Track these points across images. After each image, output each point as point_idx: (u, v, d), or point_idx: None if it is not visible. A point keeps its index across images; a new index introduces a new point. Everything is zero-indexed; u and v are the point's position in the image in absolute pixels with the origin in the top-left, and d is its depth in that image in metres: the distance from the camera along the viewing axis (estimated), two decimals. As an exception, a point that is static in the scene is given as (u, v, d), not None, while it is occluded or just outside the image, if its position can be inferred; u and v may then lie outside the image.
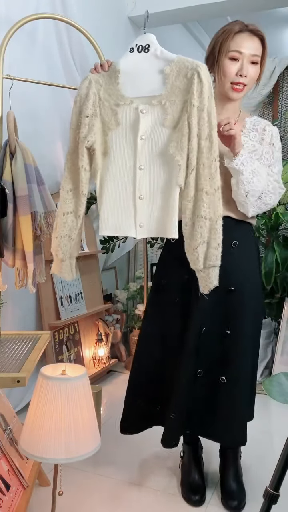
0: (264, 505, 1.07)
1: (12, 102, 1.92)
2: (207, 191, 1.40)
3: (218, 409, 1.63)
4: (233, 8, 3.19)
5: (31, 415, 1.22)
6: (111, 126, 1.50)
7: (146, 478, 1.84)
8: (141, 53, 1.50)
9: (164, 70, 1.45)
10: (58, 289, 2.64)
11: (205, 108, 1.39)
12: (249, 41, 1.54)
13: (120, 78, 1.50)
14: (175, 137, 1.43)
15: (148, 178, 1.49)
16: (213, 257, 1.44)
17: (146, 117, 1.47)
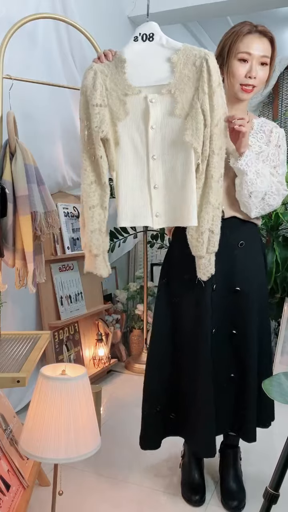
0: (264, 505, 1.07)
1: (12, 102, 1.92)
2: (215, 178, 1.43)
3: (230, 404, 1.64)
4: (233, 8, 3.19)
5: (31, 415, 1.22)
6: (120, 116, 1.49)
7: (146, 478, 1.84)
8: (145, 42, 1.49)
9: (172, 58, 1.44)
10: (58, 289, 2.64)
11: (214, 95, 1.40)
12: (258, 43, 1.53)
13: (126, 68, 1.48)
14: (189, 125, 1.43)
15: (162, 167, 1.49)
16: (215, 243, 1.48)
17: (155, 107, 1.46)
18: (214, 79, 1.39)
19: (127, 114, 1.49)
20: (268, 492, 1.06)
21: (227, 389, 1.63)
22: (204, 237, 1.46)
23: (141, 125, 1.49)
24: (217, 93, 1.40)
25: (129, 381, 2.91)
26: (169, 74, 1.45)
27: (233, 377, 1.63)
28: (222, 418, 1.63)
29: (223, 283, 1.59)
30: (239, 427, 1.66)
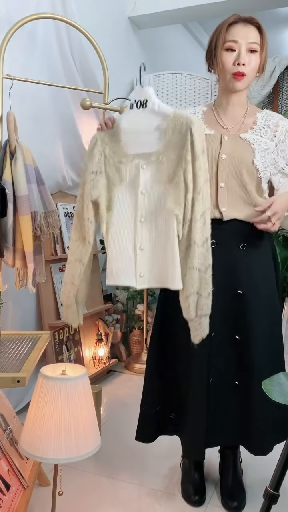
0: (264, 505, 1.07)
1: (12, 102, 1.92)
2: (198, 243, 1.43)
3: (235, 415, 1.59)
4: (233, 8, 3.19)
5: (31, 415, 1.22)
6: (116, 182, 1.57)
7: (146, 478, 1.84)
8: (140, 109, 1.54)
9: (161, 125, 1.48)
10: (58, 289, 2.63)
11: (197, 162, 1.41)
12: (244, 30, 1.51)
13: (122, 136, 1.56)
14: (172, 192, 1.47)
15: (148, 230, 1.53)
16: (204, 306, 1.45)
17: (145, 173, 1.52)
18: (197, 147, 1.41)
19: (122, 180, 1.56)
20: (268, 492, 1.06)
21: (231, 397, 1.59)
22: (191, 301, 1.45)
23: (132, 190, 1.55)
24: (199, 160, 1.41)
25: (129, 381, 2.91)
26: (159, 140, 1.50)
27: (237, 385, 1.59)
28: (226, 428, 1.60)
29: (225, 286, 1.56)
30: (246, 439, 1.61)
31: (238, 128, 1.59)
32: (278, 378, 1.07)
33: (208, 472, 1.84)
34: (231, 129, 1.59)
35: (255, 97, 3.48)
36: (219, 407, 1.58)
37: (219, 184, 1.56)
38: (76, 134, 2.72)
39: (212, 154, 1.57)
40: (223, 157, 1.55)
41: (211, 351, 1.56)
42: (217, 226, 1.56)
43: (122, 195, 1.58)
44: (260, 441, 1.59)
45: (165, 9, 3.31)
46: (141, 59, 3.70)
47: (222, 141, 1.57)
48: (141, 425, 1.72)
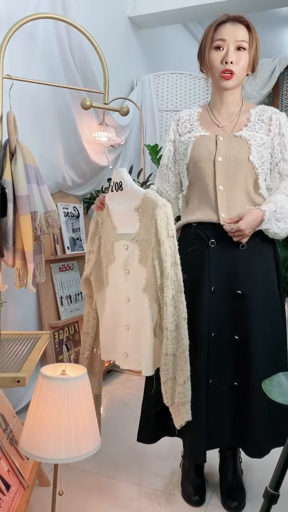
0: (264, 505, 1.07)
1: (12, 102, 1.92)
2: (170, 329, 1.42)
3: (234, 416, 1.59)
4: (233, 8, 3.20)
5: (31, 415, 1.22)
6: (110, 260, 1.63)
7: (146, 478, 1.84)
8: (118, 192, 1.57)
9: (137, 208, 1.51)
10: (58, 289, 2.64)
11: (162, 247, 1.41)
12: (231, 29, 1.52)
13: (111, 216, 1.62)
14: (148, 276, 1.49)
15: (133, 311, 1.55)
16: (180, 394, 1.44)
17: (128, 253, 1.55)
18: (160, 232, 1.40)
19: (115, 258, 1.61)
20: (268, 492, 1.06)
21: (230, 398, 1.58)
22: (167, 387, 1.45)
23: (121, 269, 1.58)
24: (164, 245, 1.41)
25: (129, 381, 2.91)
26: (137, 222, 1.53)
27: (236, 386, 1.58)
28: (224, 429, 1.60)
29: (224, 286, 1.56)
30: (243, 441, 1.61)
31: (233, 126, 1.59)
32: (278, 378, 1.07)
33: (208, 472, 1.84)
34: (226, 127, 1.60)
35: (255, 97, 3.49)
36: (218, 408, 1.58)
37: (217, 188, 1.56)
38: (76, 134, 2.71)
39: (208, 157, 1.56)
40: (219, 160, 1.55)
41: (211, 351, 1.56)
42: (218, 226, 1.56)
43: (114, 274, 1.63)
44: (257, 443, 1.58)
45: (165, 9, 3.32)
46: (141, 59, 3.70)
47: (217, 142, 1.56)
48: (142, 425, 1.71)
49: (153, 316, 1.48)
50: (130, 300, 1.55)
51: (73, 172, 2.78)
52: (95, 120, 2.88)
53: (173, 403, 1.45)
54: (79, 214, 2.90)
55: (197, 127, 1.63)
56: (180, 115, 1.70)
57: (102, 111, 2.70)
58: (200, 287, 1.55)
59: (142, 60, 3.74)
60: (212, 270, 1.56)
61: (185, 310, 1.43)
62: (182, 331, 1.43)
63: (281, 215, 1.51)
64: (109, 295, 1.65)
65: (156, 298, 1.46)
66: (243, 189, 1.57)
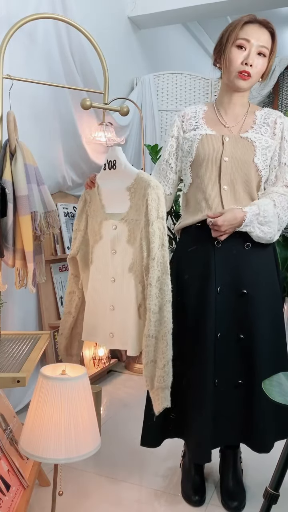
0: (264, 505, 1.07)
1: (12, 102, 1.92)
2: (153, 310, 1.42)
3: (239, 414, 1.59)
4: (233, 8, 3.19)
5: (31, 415, 1.22)
6: (97, 239, 1.62)
7: (146, 478, 1.84)
8: (111, 170, 1.56)
9: (129, 188, 1.51)
10: (58, 289, 2.64)
11: (150, 227, 1.41)
12: (258, 32, 1.50)
13: (101, 195, 1.61)
14: (134, 256, 1.49)
15: (118, 290, 1.55)
16: (160, 378, 1.43)
17: (116, 233, 1.54)
18: (150, 212, 1.40)
19: (101, 237, 1.61)
20: (268, 492, 1.06)
21: (234, 396, 1.58)
22: (147, 371, 1.44)
23: (107, 249, 1.58)
24: (153, 225, 1.40)
25: (129, 381, 2.91)
26: (127, 202, 1.52)
27: (240, 384, 1.58)
28: (229, 427, 1.60)
29: (229, 285, 1.56)
30: (249, 437, 1.61)
31: (239, 128, 1.59)
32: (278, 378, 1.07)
33: (208, 472, 1.84)
34: (232, 128, 1.59)
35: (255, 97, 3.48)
36: (223, 407, 1.58)
37: (222, 187, 1.56)
38: (76, 134, 2.71)
39: (214, 156, 1.56)
40: (225, 160, 1.55)
41: (217, 351, 1.55)
42: None
43: (100, 252, 1.62)
44: (263, 438, 1.59)
45: (165, 9, 3.31)
46: (141, 59, 3.70)
47: (224, 142, 1.56)
48: (146, 429, 1.69)
49: (137, 296, 1.47)
50: (115, 280, 1.55)
51: (73, 172, 2.78)
52: (95, 120, 2.87)
53: (152, 387, 1.44)
54: (79, 214, 2.90)
55: (203, 125, 1.61)
56: (185, 112, 1.67)
57: (102, 111, 2.70)
58: (207, 288, 1.55)
59: (142, 60, 3.74)
60: (218, 270, 1.56)
61: (169, 292, 1.43)
62: (166, 313, 1.42)
63: (264, 218, 1.51)
64: (92, 274, 1.64)
65: (141, 279, 1.46)
66: (246, 190, 1.58)
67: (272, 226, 1.53)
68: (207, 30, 4.79)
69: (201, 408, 1.53)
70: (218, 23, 4.55)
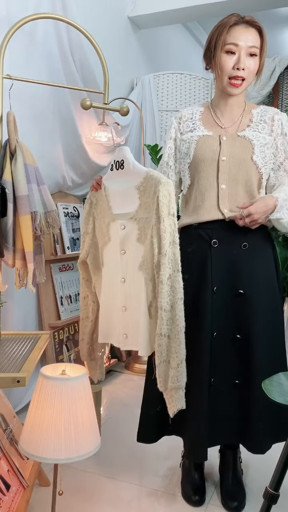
0: (264, 505, 1.07)
1: (12, 102, 1.92)
2: (165, 308, 1.40)
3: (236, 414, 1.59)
4: (233, 8, 3.20)
5: (31, 415, 1.22)
6: (106, 241, 1.61)
7: (146, 478, 1.84)
8: (118, 170, 1.55)
9: (138, 186, 1.49)
10: (58, 289, 2.64)
11: (161, 224, 1.40)
12: (245, 33, 1.49)
13: (108, 196, 1.60)
14: (144, 253, 1.48)
15: (129, 291, 1.54)
16: (173, 378, 1.41)
17: (125, 232, 1.53)
18: (161, 209, 1.39)
19: (110, 239, 1.59)
20: (268, 492, 1.06)
21: (231, 395, 1.59)
22: (160, 371, 1.43)
23: (117, 249, 1.57)
24: (164, 222, 1.39)
25: (129, 381, 2.91)
26: (136, 201, 1.51)
27: (237, 384, 1.58)
28: (226, 427, 1.60)
29: (226, 285, 1.56)
30: (244, 437, 1.61)
31: (236, 127, 1.59)
32: (278, 378, 1.07)
33: (208, 472, 1.84)
34: (229, 128, 1.59)
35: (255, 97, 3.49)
36: (219, 406, 1.58)
37: (220, 187, 1.56)
38: (76, 134, 2.71)
39: (212, 156, 1.56)
40: (223, 159, 1.55)
41: (213, 350, 1.56)
42: (219, 226, 1.56)
43: (110, 254, 1.61)
44: (259, 439, 1.58)
45: (165, 9, 3.31)
46: (141, 59, 3.70)
47: (221, 142, 1.56)
48: (142, 424, 1.71)
49: (148, 295, 1.46)
50: (125, 280, 1.54)
51: (73, 172, 2.78)
52: (95, 120, 2.87)
53: (166, 388, 1.43)
54: (79, 214, 2.90)
55: (200, 127, 1.62)
56: (181, 113, 1.67)
57: (102, 111, 2.70)
58: (203, 287, 1.55)
59: (142, 60, 3.74)
60: (214, 270, 1.56)
61: (181, 290, 1.42)
62: (178, 311, 1.41)
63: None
64: (104, 276, 1.63)
65: (151, 277, 1.45)
66: (245, 188, 1.57)
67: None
68: (207, 30, 4.79)
69: (197, 407, 1.53)
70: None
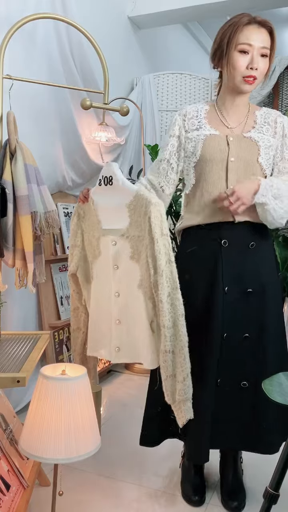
0: (264, 505, 1.07)
1: (12, 102, 1.92)
2: (167, 325, 1.41)
3: (242, 416, 1.58)
4: (233, 8, 3.19)
5: (31, 415, 1.22)
6: (96, 254, 1.61)
7: (146, 478, 1.84)
8: (107, 186, 1.55)
9: (128, 205, 1.49)
10: (58, 289, 2.64)
11: (156, 247, 1.40)
12: (258, 33, 1.49)
13: (97, 211, 1.59)
14: (140, 272, 1.48)
15: (124, 305, 1.54)
16: (181, 391, 1.43)
17: (116, 248, 1.54)
18: (154, 231, 1.40)
19: (100, 253, 1.59)
20: (268, 492, 1.06)
21: (238, 397, 1.57)
22: (167, 385, 1.45)
23: (109, 264, 1.57)
24: (158, 243, 1.40)
25: (129, 381, 2.91)
26: (126, 219, 1.51)
27: (244, 385, 1.57)
28: (229, 430, 1.58)
29: (236, 285, 1.56)
30: (252, 441, 1.59)
31: (242, 128, 1.59)
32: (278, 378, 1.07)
33: (208, 472, 1.84)
34: (235, 129, 1.59)
35: (255, 97, 3.48)
36: (224, 409, 1.57)
37: (229, 187, 1.56)
38: (76, 134, 2.71)
39: (220, 156, 1.56)
40: (232, 160, 1.55)
41: (222, 351, 1.55)
42: (229, 227, 1.57)
43: (100, 268, 1.61)
44: (268, 441, 1.58)
45: (165, 9, 3.31)
46: (141, 59, 3.70)
47: (229, 142, 1.56)
48: (145, 428, 1.69)
49: (149, 313, 1.47)
50: (120, 295, 1.54)
51: (73, 172, 2.78)
52: (95, 120, 2.87)
53: (174, 401, 1.45)
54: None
55: (205, 125, 1.60)
56: (186, 110, 1.64)
57: (102, 111, 2.70)
58: (214, 288, 1.55)
59: (142, 60, 3.74)
60: (225, 270, 1.56)
61: (181, 307, 1.43)
62: (180, 327, 1.42)
63: (278, 190, 1.51)
64: (94, 289, 1.64)
65: (150, 295, 1.46)
66: None
67: (285, 201, 1.52)
68: (207, 30, 4.79)
69: (201, 409, 1.52)
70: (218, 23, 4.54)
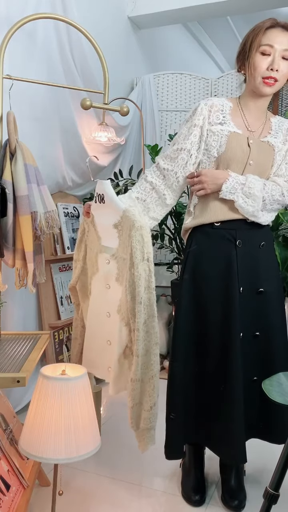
0: (264, 505, 1.07)
1: (12, 102, 1.92)
2: (140, 353, 1.40)
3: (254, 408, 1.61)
4: (233, 8, 3.19)
5: (31, 415, 1.22)
6: (94, 271, 1.61)
7: (146, 478, 1.84)
8: (100, 203, 1.54)
9: (117, 225, 1.49)
10: (58, 289, 2.63)
11: (136, 272, 1.38)
12: (281, 36, 1.50)
13: (96, 227, 1.60)
14: (121, 298, 1.47)
15: (114, 326, 1.53)
16: (146, 420, 1.42)
17: (109, 268, 1.53)
18: (135, 254, 1.38)
19: (98, 270, 1.59)
20: (268, 492, 1.06)
21: (250, 393, 1.59)
22: (133, 413, 1.45)
23: (103, 282, 1.56)
24: (139, 268, 1.37)
25: (129, 381, 2.91)
26: (116, 239, 1.51)
27: (256, 380, 1.59)
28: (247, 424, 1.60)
29: (249, 284, 1.58)
30: (267, 432, 1.63)
31: (259, 132, 1.61)
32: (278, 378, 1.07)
33: (208, 472, 1.84)
34: (254, 132, 1.60)
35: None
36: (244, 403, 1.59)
37: None
38: (76, 134, 2.71)
39: (242, 157, 1.56)
40: (250, 163, 1.57)
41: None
42: (243, 226, 1.58)
43: (95, 286, 1.61)
44: (281, 430, 1.61)
45: (165, 9, 3.31)
46: (141, 59, 3.70)
47: (249, 144, 1.57)
48: (170, 438, 1.63)
49: (122, 339, 1.46)
50: (110, 315, 1.54)
51: (73, 172, 2.78)
52: (95, 120, 2.87)
53: (138, 428, 1.45)
54: (79, 214, 2.90)
55: (229, 122, 1.58)
56: (213, 102, 1.59)
57: (102, 111, 2.70)
58: (230, 288, 1.56)
59: (142, 60, 3.74)
60: (240, 270, 1.58)
61: (157, 335, 1.41)
62: (152, 356, 1.41)
63: (250, 189, 1.52)
64: (90, 307, 1.64)
65: (127, 321, 1.44)
66: None
67: (257, 201, 1.53)
68: (207, 30, 4.79)
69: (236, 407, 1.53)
70: (218, 23, 4.55)
